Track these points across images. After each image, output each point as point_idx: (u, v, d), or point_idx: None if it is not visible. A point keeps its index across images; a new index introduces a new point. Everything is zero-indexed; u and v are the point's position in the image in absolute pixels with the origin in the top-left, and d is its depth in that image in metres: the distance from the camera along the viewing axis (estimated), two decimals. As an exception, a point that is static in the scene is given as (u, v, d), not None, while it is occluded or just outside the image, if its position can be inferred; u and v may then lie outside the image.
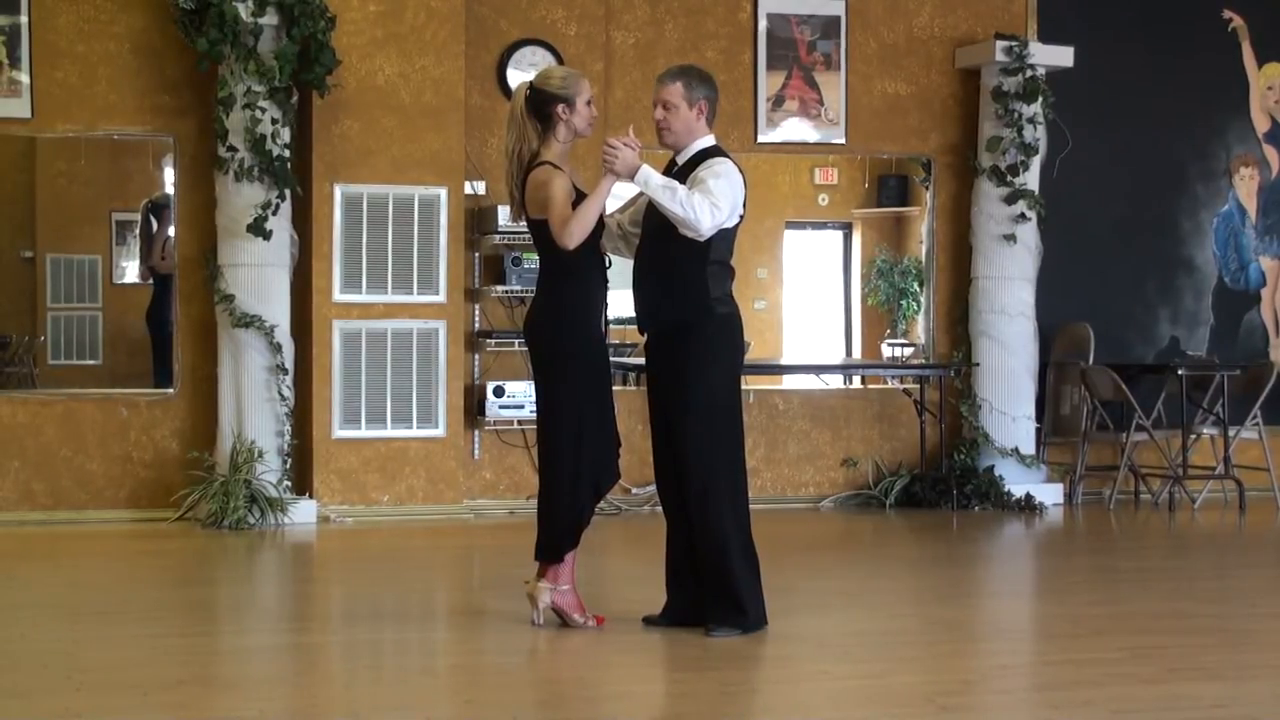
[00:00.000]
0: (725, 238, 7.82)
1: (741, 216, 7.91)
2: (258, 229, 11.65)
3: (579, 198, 7.74)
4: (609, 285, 7.99)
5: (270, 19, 11.74)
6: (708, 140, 7.98)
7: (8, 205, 12.98)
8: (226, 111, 11.72)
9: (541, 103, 7.83)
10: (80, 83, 12.15)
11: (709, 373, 7.82)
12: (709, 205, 7.61)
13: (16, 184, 12.88)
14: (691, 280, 7.80)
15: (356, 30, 12.17)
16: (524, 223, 7.97)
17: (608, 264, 7.96)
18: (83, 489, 12.18)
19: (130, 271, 13.06)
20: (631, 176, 7.66)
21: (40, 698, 6.71)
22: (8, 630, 8.21)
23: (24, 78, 12.04)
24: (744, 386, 13.25)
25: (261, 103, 11.69)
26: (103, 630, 8.17)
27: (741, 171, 7.90)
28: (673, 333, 7.88)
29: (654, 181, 7.65)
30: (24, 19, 12.03)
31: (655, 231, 7.85)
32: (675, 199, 7.60)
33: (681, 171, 7.88)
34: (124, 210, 13.03)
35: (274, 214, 11.72)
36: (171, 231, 12.61)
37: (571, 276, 7.82)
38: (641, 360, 14.03)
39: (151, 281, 12.93)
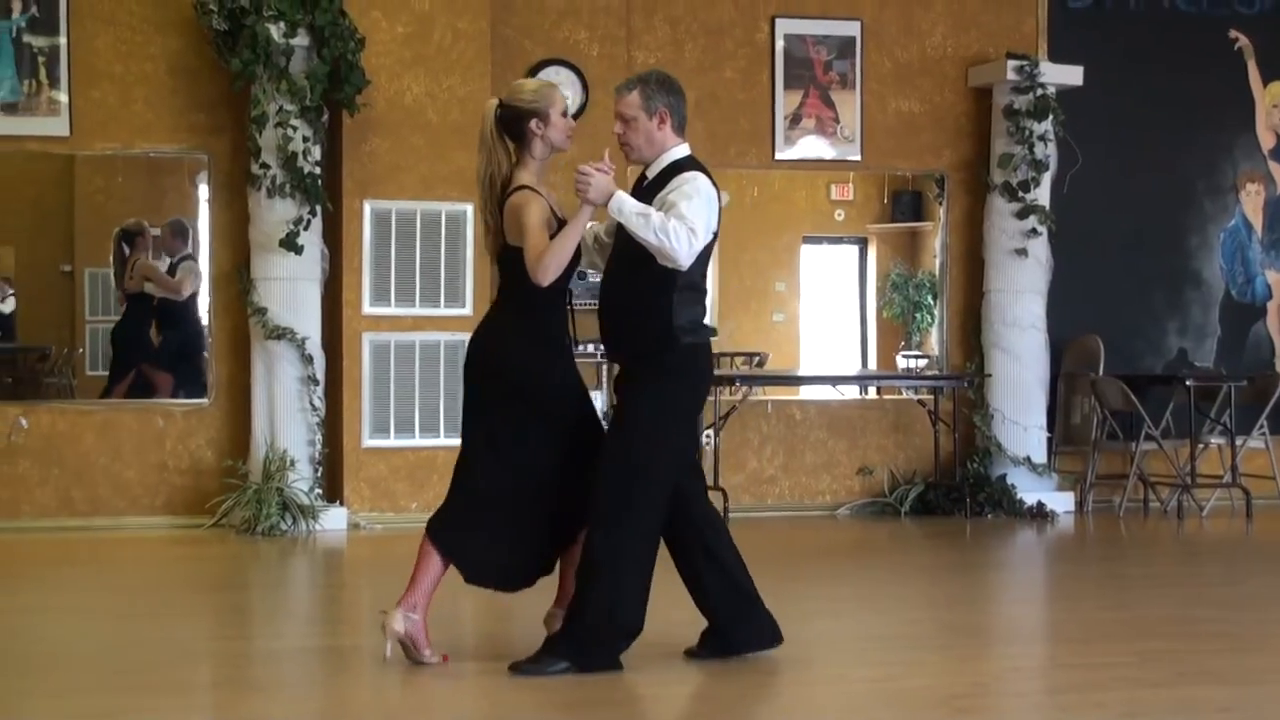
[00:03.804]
0: (698, 258, 7.12)
1: (715, 234, 7.22)
2: (290, 244, 11.85)
3: (560, 225, 7.13)
4: (572, 314, 7.34)
5: (302, 40, 11.91)
6: (679, 151, 7.29)
7: (48, 221, 13.06)
8: (259, 130, 11.88)
9: (513, 119, 7.19)
10: (118, 102, 12.36)
11: (651, 400, 7.11)
12: (686, 232, 6.95)
13: (56, 200, 12.95)
14: (656, 306, 7.10)
15: (385, 51, 12.34)
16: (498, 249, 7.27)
17: (571, 297, 7.30)
18: (120, 496, 12.36)
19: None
20: (606, 203, 7.00)
21: (79, 698, 6.79)
22: (48, 633, 8.31)
23: (63, 97, 12.24)
24: (763, 397, 13.59)
25: (293, 121, 11.88)
26: (140, 633, 8.24)
27: (715, 185, 7.26)
28: (633, 363, 7.26)
29: (628, 209, 7.00)
30: (63, 40, 12.24)
31: (622, 251, 7.22)
32: (650, 227, 6.94)
33: (652, 186, 7.22)
34: (160, 226, 13.11)
35: (305, 229, 11.91)
36: (143, 256, 12.81)
37: (541, 304, 7.16)
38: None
39: (125, 304, 13.01)
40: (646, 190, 7.22)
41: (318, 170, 12.01)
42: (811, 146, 13.72)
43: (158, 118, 12.43)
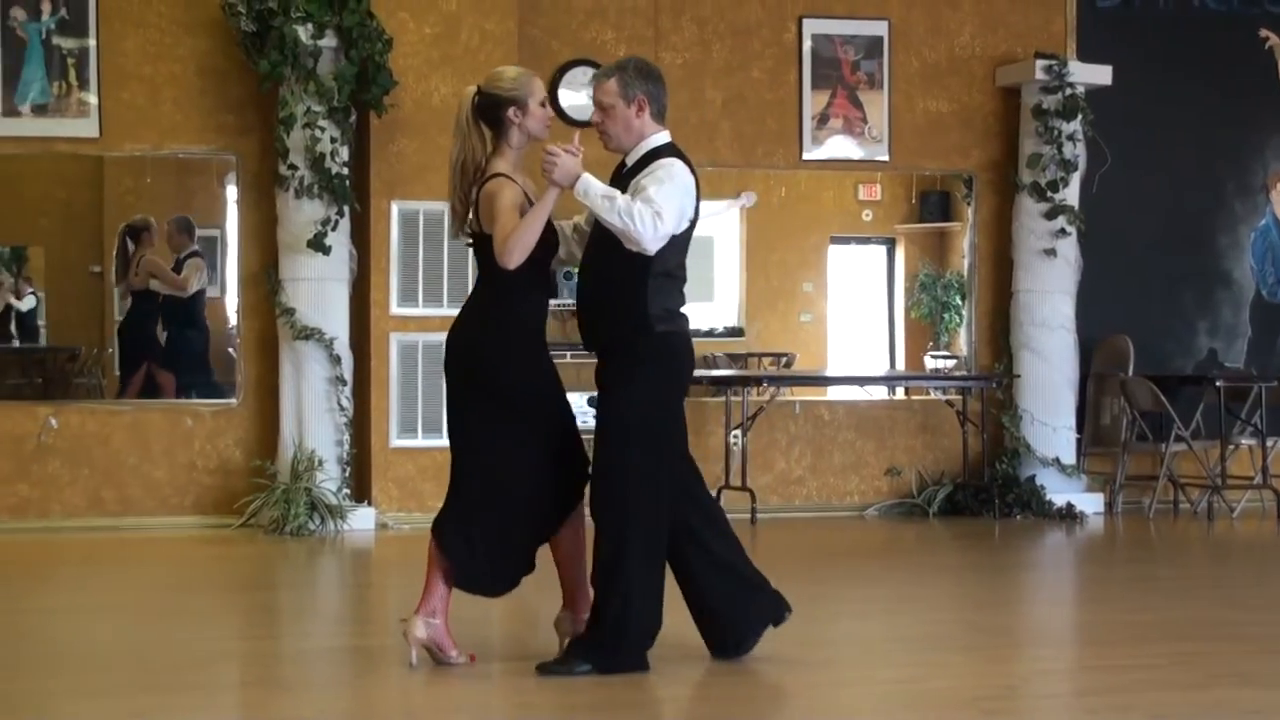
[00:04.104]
0: (674, 246, 7.04)
1: (693, 222, 7.13)
2: (317, 244, 11.90)
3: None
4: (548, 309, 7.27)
5: (329, 41, 11.97)
6: (659, 138, 7.16)
7: (77, 222, 13.13)
8: (287, 131, 11.93)
9: (490, 106, 7.08)
10: (147, 103, 12.43)
11: (633, 391, 7.02)
12: (651, 215, 6.84)
13: (86, 202, 13.01)
14: (629, 294, 7.02)
15: (413, 52, 12.37)
16: (465, 239, 7.25)
17: (553, 283, 7.28)
18: (150, 496, 12.42)
19: (193, 285, 13.26)
20: (572, 186, 6.92)
21: (108, 698, 6.82)
22: (77, 633, 8.35)
23: (93, 99, 12.31)
24: (791, 398, 13.60)
25: (321, 122, 11.93)
26: (169, 633, 8.26)
27: (694, 171, 7.13)
28: (608, 352, 7.16)
29: (594, 191, 6.90)
30: (92, 42, 12.31)
31: (597, 239, 7.11)
32: (614, 210, 6.85)
33: (630, 173, 7.12)
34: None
35: (333, 230, 11.96)
36: (149, 252, 12.88)
37: (515, 292, 7.07)
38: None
39: (129, 300, 13.07)
40: (625, 177, 7.14)
41: (345, 171, 12.05)
42: (839, 146, 13.74)
43: (186, 119, 12.48)
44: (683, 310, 7.23)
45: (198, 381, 12.83)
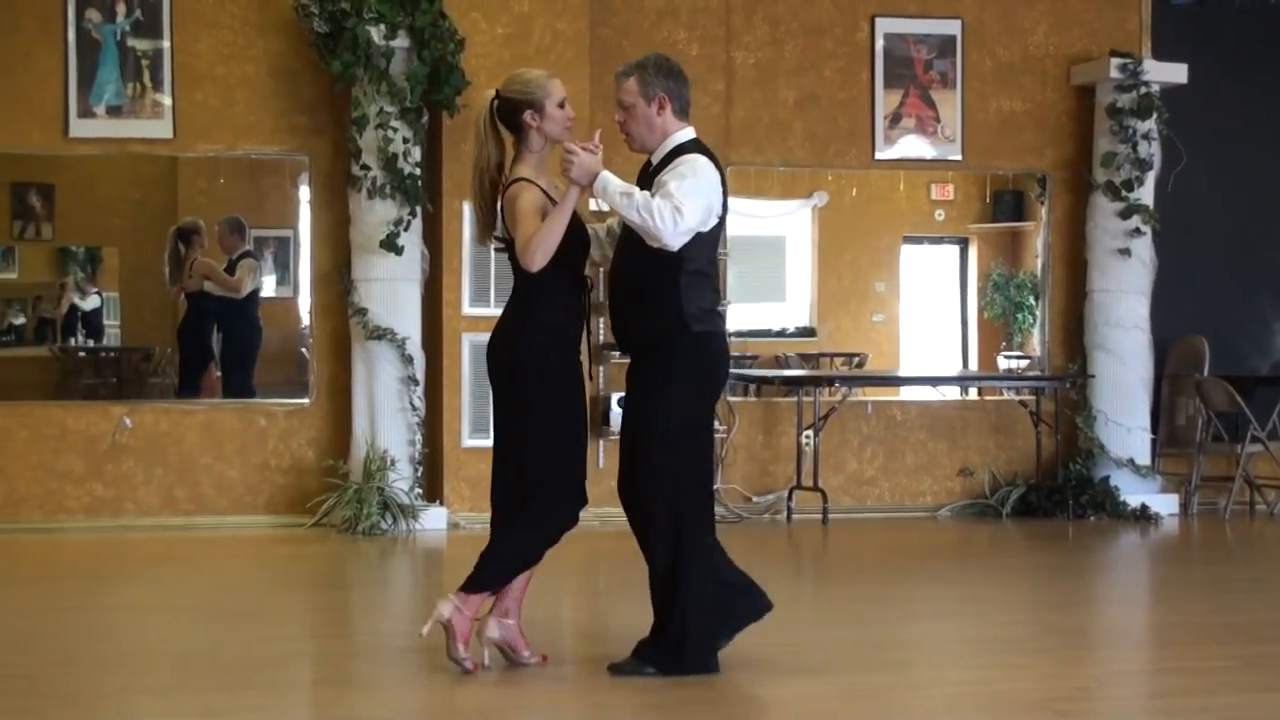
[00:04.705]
0: (703, 243, 6.98)
1: (721, 218, 7.07)
2: (390, 245, 11.91)
3: None
4: (588, 310, 7.21)
5: (402, 42, 11.98)
6: (683, 135, 7.09)
7: (151, 223, 13.16)
8: (360, 131, 11.96)
9: (509, 110, 7.05)
10: (220, 104, 12.48)
11: (672, 392, 6.98)
12: (671, 210, 6.77)
13: (160, 202, 13.07)
14: (663, 294, 6.96)
15: (485, 52, 12.38)
16: (494, 245, 7.25)
17: (589, 286, 7.21)
18: (222, 495, 12.48)
19: (268, 286, 13.32)
20: (591, 184, 6.89)
21: (181, 696, 6.89)
22: (150, 631, 8.43)
23: (166, 100, 12.37)
24: (863, 398, 13.57)
25: (393, 123, 11.95)
26: (241, 631, 8.31)
27: (719, 166, 7.06)
28: (644, 352, 7.10)
29: (612, 188, 6.85)
30: (166, 44, 12.37)
31: (627, 239, 7.08)
32: (633, 206, 6.80)
33: (656, 172, 7.05)
34: (262, 227, 13.24)
35: (405, 230, 11.97)
36: (200, 254, 12.95)
37: (543, 297, 7.02)
38: (762, 371, 14.33)
39: (184, 300, 13.13)
40: (650, 175, 7.08)
41: (418, 171, 12.07)
42: (912, 146, 13.70)
43: (259, 120, 12.54)
44: (719, 309, 7.21)
45: (256, 382, 12.87)
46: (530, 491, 7.06)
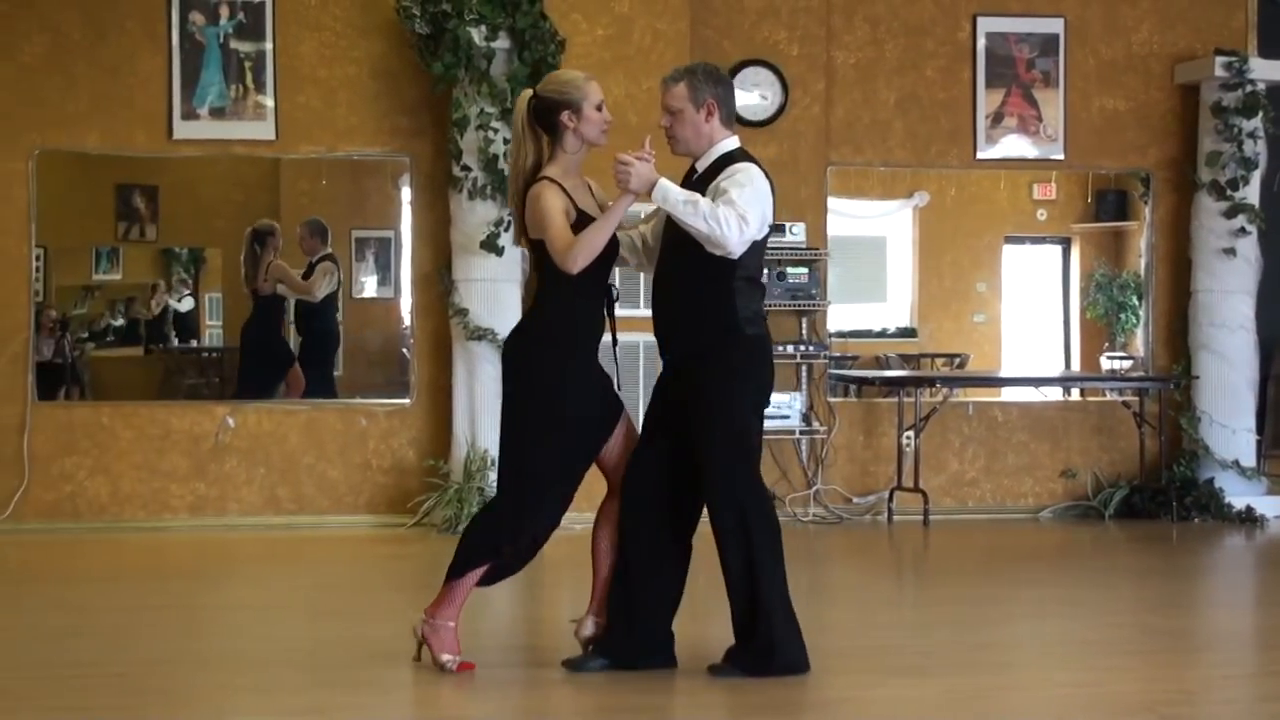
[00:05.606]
0: (753, 250, 7.01)
1: (772, 227, 7.14)
2: (490, 245, 11.94)
3: (579, 216, 6.94)
4: (612, 317, 7.16)
5: (502, 43, 12.01)
6: (729, 143, 7.15)
7: (255, 223, 13.36)
8: (460, 132, 12.01)
9: (545, 110, 6.99)
10: (322, 106, 12.57)
11: (735, 396, 7.03)
12: (736, 219, 6.81)
13: (263, 203, 13.13)
14: (716, 299, 7.00)
15: (585, 53, 12.39)
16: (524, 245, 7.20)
17: (614, 295, 7.14)
18: (324, 495, 12.56)
19: (369, 286, 13.38)
20: (649, 192, 6.86)
21: (284, 695, 6.95)
22: (253, 630, 8.51)
23: (269, 102, 12.47)
24: (964, 399, 13.51)
25: (494, 124, 11.97)
26: (343, 630, 8.36)
27: (768, 177, 7.11)
28: (695, 358, 7.07)
29: (674, 196, 6.85)
30: (269, 46, 12.47)
31: (675, 245, 7.06)
32: (699, 214, 6.80)
33: (702, 179, 7.08)
34: (364, 228, 13.30)
35: (506, 231, 11.94)
36: (275, 256, 12.93)
37: (563, 301, 6.99)
38: (863, 372, 14.27)
39: (253, 302, 13.14)
40: (697, 183, 7.09)
41: (518, 172, 12.06)
42: (1013, 145, 13.63)
43: (361, 121, 12.60)
44: (765, 314, 7.26)
45: (326, 385, 12.94)
46: (520, 484, 7.13)
